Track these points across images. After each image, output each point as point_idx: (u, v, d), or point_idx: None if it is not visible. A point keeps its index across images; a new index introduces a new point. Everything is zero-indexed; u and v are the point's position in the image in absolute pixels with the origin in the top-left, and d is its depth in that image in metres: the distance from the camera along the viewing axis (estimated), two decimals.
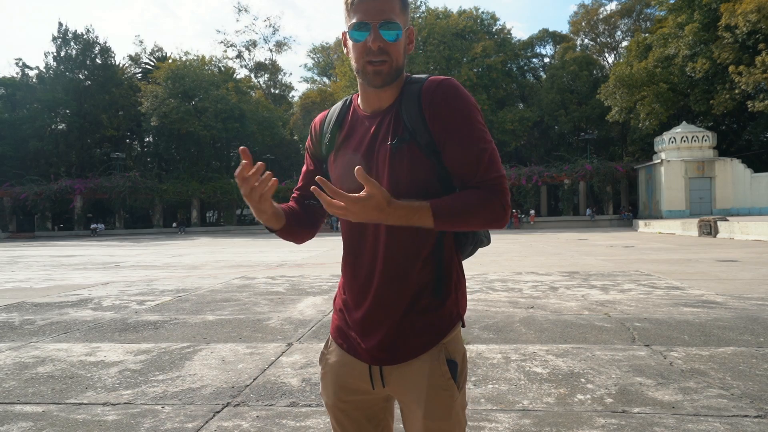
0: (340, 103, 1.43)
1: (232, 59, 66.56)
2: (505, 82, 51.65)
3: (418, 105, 1.25)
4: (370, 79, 1.26)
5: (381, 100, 1.31)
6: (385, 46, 1.23)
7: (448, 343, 1.31)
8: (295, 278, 9.88)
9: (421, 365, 1.29)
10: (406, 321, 1.29)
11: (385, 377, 1.32)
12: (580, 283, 8.44)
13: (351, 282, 1.36)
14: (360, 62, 1.25)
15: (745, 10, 32.40)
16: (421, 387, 1.28)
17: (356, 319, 1.34)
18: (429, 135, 1.24)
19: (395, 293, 1.29)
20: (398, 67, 1.27)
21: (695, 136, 35.60)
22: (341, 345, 1.39)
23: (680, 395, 3.23)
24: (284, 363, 4.14)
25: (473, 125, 1.24)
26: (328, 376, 1.41)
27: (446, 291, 1.31)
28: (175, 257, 16.85)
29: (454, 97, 1.24)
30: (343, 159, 1.34)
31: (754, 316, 5.48)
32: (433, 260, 1.30)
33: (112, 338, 5.14)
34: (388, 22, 1.22)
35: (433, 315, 1.30)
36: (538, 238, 24.06)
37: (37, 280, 10.73)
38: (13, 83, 51.01)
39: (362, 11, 1.22)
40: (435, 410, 1.27)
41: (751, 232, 18.89)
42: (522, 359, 4.11)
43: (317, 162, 1.45)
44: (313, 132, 1.46)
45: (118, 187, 45.01)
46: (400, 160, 1.25)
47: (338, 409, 1.39)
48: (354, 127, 1.35)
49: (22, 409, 3.23)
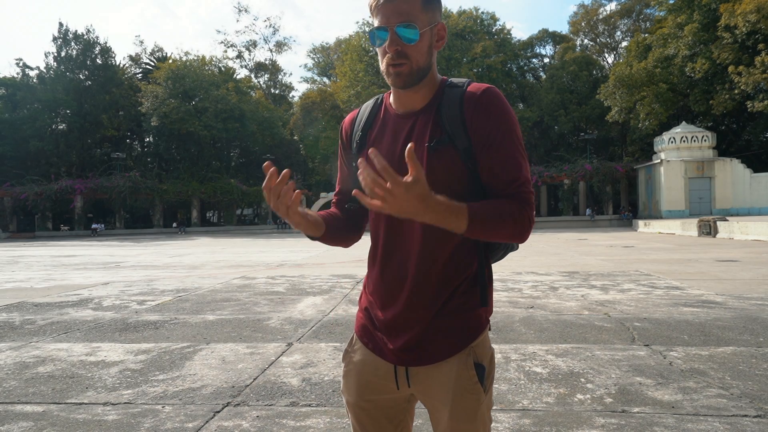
0: (371, 101, 1.42)
1: (232, 59, 66.73)
2: (505, 83, 51.64)
3: (460, 109, 1.24)
4: (393, 81, 1.26)
5: (414, 101, 1.30)
6: (402, 48, 1.22)
7: (477, 346, 1.30)
8: (295, 278, 9.89)
9: (449, 368, 1.28)
10: (435, 323, 1.28)
11: (410, 377, 1.31)
12: (580, 283, 8.45)
13: (379, 281, 1.33)
14: (383, 65, 1.26)
15: (744, 10, 32.42)
16: (448, 389, 1.28)
17: (384, 319, 1.32)
18: (468, 140, 1.23)
19: (427, 295, 1.27)
20: (420, 68, 1.25)
21: (695, 136, 35.62)
22: (366, 344, 1.37)
23: (680, 395, 3.23)
24: (284, 363, 4.15)
25: (513, 138, 1.24)
26: (351, 374, 1.39)
27: (484, 295, 1.30)
28: (176, 257, 16.85)
29: (498, 107, 1.24)
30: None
31: (754, 316, 5.49)
32: (468, 262, 1.29)
33: (113, 338, 5.15)
34: (406, 25, 1.21)
35: (464, 318, 1.29)
36: (538, 238, 24.07)
37: (37, 280, 10.74)
38: (13, 83, 51.02)
39: (381, 14, 1.22)
40: (461, 413, 1.27)
41: (750, 232, 18.90)
42: (522, 359, 4.11)
43: (350, 163, 1.43)
44: (343, 132, 1.44)
45: (118, 187, 45.04)
46: (438, 162, 1.24)
47: (360, 407, 1.37)
48: (386, 126, 1.34)
49: (23, 409, 3.24)
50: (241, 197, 49.37)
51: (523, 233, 1.22)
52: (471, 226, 1.14)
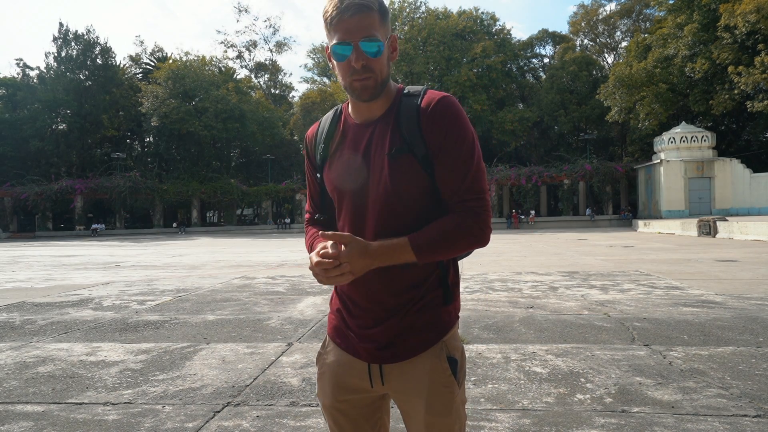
0: (331, 113, 1.45)
1: (232, 59, 66.71)
2: (505, 83, 51.68)
3: (417, 118, 1.27)
4: (358, 95, 1.28)
5: (372, 111, 1.33)
6: (367, 62, 1.24)
7: (448, 340, 1.34)
8: (295, 278, 9.89)
9: (423, 363, 1.31)
10: (406, 320, 1.31)
11: (384, 375, 1.34)
12: (580, 283, 8.45)
13: (348, 286, 1.35)
14: (346, 80, 1.27)
15: (744, 10, 32.42)
16: (423, 384, 1.31)
17: (355, 318, 1.35)
18: (425, 148, 1.26)
19: (394, 292, 1.30)
20: (383, 80, 1.28)
21: (694, 136, 35.63)
22: (339, 344, 1.40)
23: (680, 395, 3.24)
24: (284, 363, 4.15)
25: (463, 147, 1.26)
26: (325, 376, 1.42)
27: (447, 291, 1.34)
28: (176, 257, 16.86)
29: (449, 117, 1.26)
30: (338, 164, 1.36)
31: (754, 316, 5.49)
32: (428, 264, 1.31)
33: (113, 338, 5.15)
34: (369, 39, 1.23)
35: (434, 313, 1.32)
36: (538, 238, 24.07)
37: (37, 280, 10.74)
38: (13, 83, 51.05)
39: (342, 30, 1.23)
40: (437, 407, 1.30)
41: (750, 232, 18.91)
42: (522, 359, 4.12)
43: (316, 174, 1.46)
44: (308, 144, 1.47)
45: (118, 187, 45.06)
46: (397, 169, 1.27)
47: (335, 408, 1.39)
48: (346, 135, 1.37)
49: (23, 409, 3.24)
50: (241, 197, 49.36)
51: (480, 241, 1.27)
52: (420, 255, 1.23)
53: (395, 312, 1.30)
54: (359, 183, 1.31)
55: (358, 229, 1.31)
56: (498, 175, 44.33)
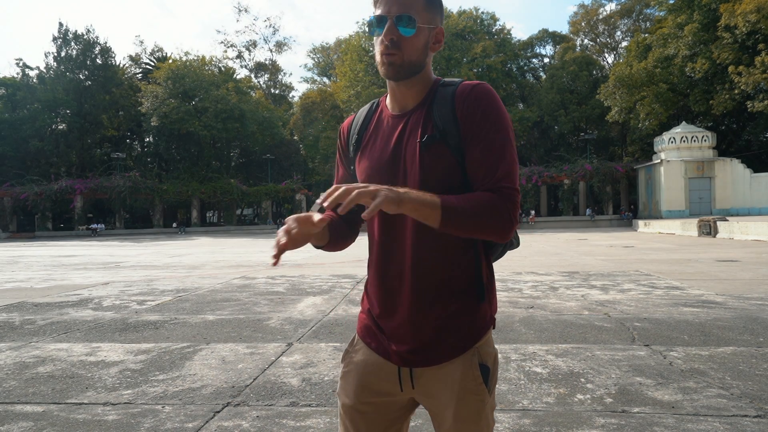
0: (368, 105, 1.43)
1: (232, 59, 66.79)
2: (505, 82, 51.66)
3: (452, 106, 1.24)
4: (384, 70, 1.26)
5: (408, 99, 1.31)
6: (398, 39, 1.23)
7: (481, 346, 1.30)
8: (295, 278, 9.89)
9: (454, 369, 1.27)
10: (439, 324, 1.27)
11: (414, 379, 1.30)
12: (580, 283, 8.45)
13: (379, 285, 1.32)
14: (378, 54, 1.27)
15: (744, 10, 32.42)
16: (452, 391, 1.27)
17: (386, 321, 1.31)
18: (459, 136, 1.23)
19: (427, 296, 1.26)
20: (411, 62, 1.25)
21: (695, 136, 35.62)
22: (369, 344, 1.35)
23: (680, 395, 3.23)
24: (284, 363, 4.15)
25: (499, 132, 1.22)
26: (350, 375, 1.36)
27: (481, 293, 1.29)
28: (175, 257, 16.85)
29: (486, 101, 1.23)
30: (370, 156, 1.33)
31: (754, 316, 5.49)
32: (466, 262, 1.28)
33: (113, 338, 5.14)
34: (405, 17, 1.23)
35: (468, 318, 1.28)
36: (538, 238, 24.06)
37: (37, 280, 10.74)
38: (13, 83, 51.03)
39: (383, 4, 1.24)
40: (465, 414, 1.27)
41: (750, 232, 18.90)
42: (522, 359, 4.11)
43: (346, 167, 1.43)
44: (341, 136, 1.45)
45: (118, 187, 45.06)
46: (429, 158, 1.24)
47: (356, 410, 1.34)
48: (380, 126, 1.35)
49: (23, 409, 3.23)
50: (241, 197, 49.37)
51: (505, 229, 1.17)
52: (445, 217, 1.12)
53: (429, 316, 1.26)
54: (391, 173, 1.27)
55: (390, 222, 1.27)
56: None
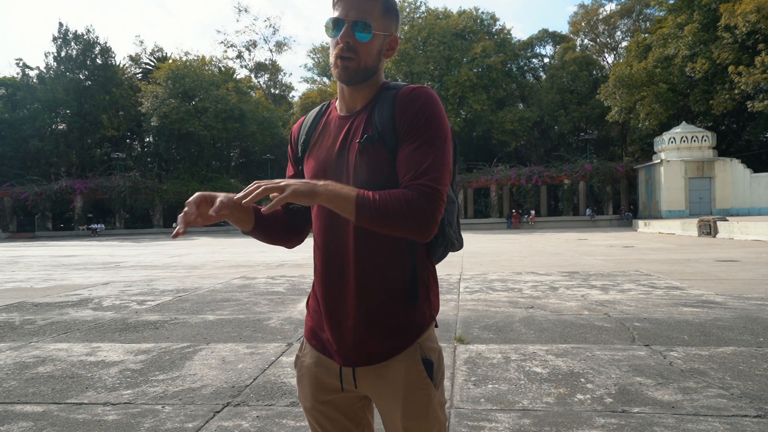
0: (318, 107, 1.46)
1: (232, 59, 66.77)
2: (505, 82, 51.69)
3: (392, 108, 1.26)
4: (338, 73, 1.28)
5: (355, 101, 1.33)
6: (354, 44, 1.25)
7: (423, 342, 1.32)
8: (295, 278, 9.89)
9: (397, 365, 1.29)
10: (379, 323, 1.29)
11: (358, 378, 1.32)
12: (580, 283, 8.45)
13: (322, 284, 1.34)
14: (332, 57, 1.29)
15: (744, 10, 32.43)
16: (398, 387, 1.29)
17: (329, 321, 1.33)
18: (395, 136, 1.25)
19: (368, 295, 1.28)
20: (366, 68, 1.28)
21: (695, 136, 35.62)
22: (315, 346, 1.39)
23: (680, 395, 3.23)
24: (284, 363, 4.15)
25: (431, 127, 1.21)
26: (304, 379, 1.40)
27: (419, 292, 1.31)
28: (175, 257, 16.85)
29: (421, 103, 1.23)
30: (317, 156, 1.36)
31: (754, 316, 5.49)
32: (402, 262, 1.30)
33: (113, 338, 5.14)
34: (361, 23, 1.24)
35: (406, 316, 1.30)
36: (538, 238, 24.07)
37: (37, 280, 10.74)
38: (13, 83, 51.02)
39: (341, 8, 1.26)
40: (413, 410, 1.29)
41: (750, 232, 18.90)
42: (522, 359, 4.11)
43: (295, 167, 1.46)
44: (292, 137, 1.47)
45: (118, 187, 45.03)
46: (368, 158, 1.26)
47: (317, 411, 1.38)
48: (328, 128, 1.37)
49: (23, 409, 3.23)
50: None
51: (422, 227, 1.15)
52: (359, 210, 1.13)
53: (368, 315, 1.28)
54: (335, 173, 1.29)
55: (333, 221, 1.29)
56: (498, 175, 44.37)
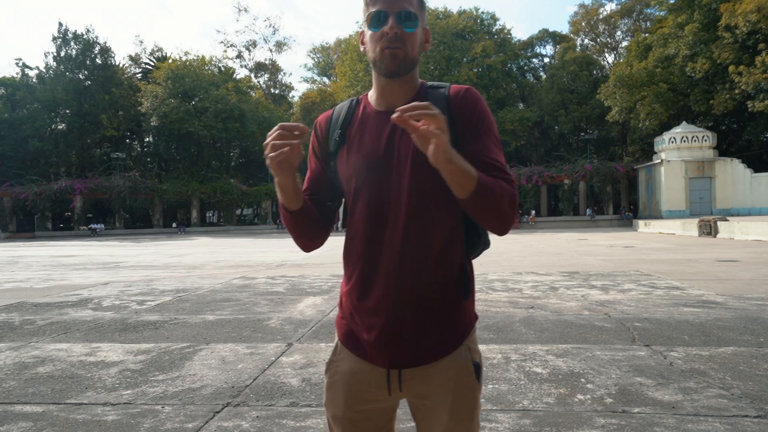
0: (346, 102, 1.41)
1: (232, 59, 66.63)
2: (505, 82, 51.65)
3: (447, 105, 1.28)
4: (387, 64, 1.25)
5: (396, 97, 1.30)
6: (402, 33, 1.25)
7: (471, 343, 1.31)
8: (295, 278, 9.88)
9: (447, 366, 1.27)
10: (427, 322, 1.26)
11: (403, 381, 1.28)
12: (580, 283, 8.44)
13: (363, 284, 1.29)
14: (377, 49, 1.26)
15: (745, 10, 32.41)
16: (447, 389, 1.26)
17: (372, 321, 1.27)
18: (454, 135, 1.23)
19: (416, 293, 1.25)
20: (413, 58, 1.28)
21: (695, 136, 35.60)
22: (353, 350, 1.32)
23: (680, 395, 3.23)
24: (284, 363, 4.14)
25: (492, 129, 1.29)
26: (337, 385, 1.33)
27: (467, 290, 1.30)
28: (175, 257, 16.85)
29: (481, 102, 1.30)
30: (359, 151, 1.31)
31: (754, 316, 5.48)
32: (451, 259, 1.28)
33: (112, 338, 5.14)
34: (407, 12, 1.25)
35: (455, 315, 1.28)
36: (538, 238, 24.06)
37: (37, 280, 10.73)
38: (13, 83, 51.01)
39: (381, 1, 1.25)
40: (461, 412, 1.26)
41: (751, 232, 18.89)
42: (522, 359, 4.11)
43: (323, 162, 1.40)
44: (318, 131, 1.41)
45: (118, 187, 45.02)
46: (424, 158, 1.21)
47: (348, 420, 1.32)
48: (366, 123, 1.33)
49: (22, 409, 3.23)
50: (241, 197, 49.34)
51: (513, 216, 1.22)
52: (477, 190, 1.14)
53: (417, 314, 1.25)
54: (385, 169, 1.27)
55: (379, 216, 1.26)
56: None
